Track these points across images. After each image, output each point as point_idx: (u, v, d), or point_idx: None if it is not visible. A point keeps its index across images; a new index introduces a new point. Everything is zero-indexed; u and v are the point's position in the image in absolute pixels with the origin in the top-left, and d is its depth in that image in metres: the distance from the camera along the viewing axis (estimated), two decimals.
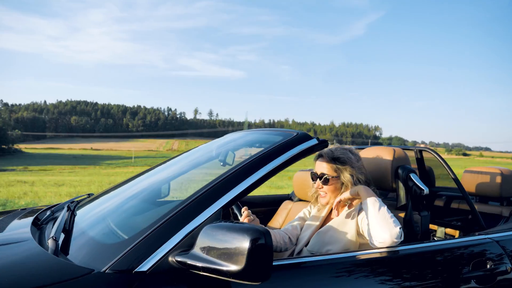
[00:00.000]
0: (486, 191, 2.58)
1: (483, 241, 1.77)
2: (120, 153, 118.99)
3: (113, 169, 55.61)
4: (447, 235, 2.48)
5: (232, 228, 1.17)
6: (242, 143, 2.14)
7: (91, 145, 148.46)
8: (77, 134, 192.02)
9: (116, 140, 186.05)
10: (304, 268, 1.37)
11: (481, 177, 2.61)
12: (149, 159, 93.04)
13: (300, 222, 2.05)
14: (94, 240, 1.40)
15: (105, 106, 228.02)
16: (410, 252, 1.58)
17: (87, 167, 63.49)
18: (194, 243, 1.23)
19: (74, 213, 1.76)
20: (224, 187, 1.38)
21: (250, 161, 1.47)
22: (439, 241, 1.72)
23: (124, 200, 1.94)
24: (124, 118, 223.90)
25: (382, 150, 2.09)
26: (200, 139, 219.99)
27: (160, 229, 1.26)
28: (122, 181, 2.29)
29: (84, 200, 2.14)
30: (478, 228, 2.05)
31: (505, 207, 2.52)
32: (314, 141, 1.57)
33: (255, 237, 1.11)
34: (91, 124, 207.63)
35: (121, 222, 1.59)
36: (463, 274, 1.58)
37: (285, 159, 1.48)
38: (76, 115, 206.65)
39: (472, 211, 2.08)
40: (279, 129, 1.87)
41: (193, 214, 1.30)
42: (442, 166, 2.22)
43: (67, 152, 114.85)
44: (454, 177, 2.14)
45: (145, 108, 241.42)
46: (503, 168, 2.59)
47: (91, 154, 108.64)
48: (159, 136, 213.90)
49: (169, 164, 2.29)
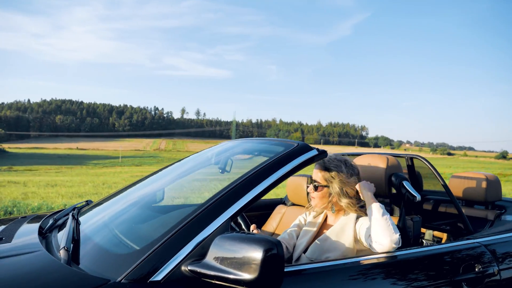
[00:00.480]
0: (472, 195, 2.69)
1: (472, 245, 1.85)
2: (107, 152, 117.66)
3: (100, 169, 55.15)
4: (435, 238, 2.58)
5: (245, 239, 1.21)
6: (241, 151, 2.20)
7: (77, 144, 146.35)
8: (62, 134, 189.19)
9: (102, 140, 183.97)
10: (306, 275, 1.42)
11: (468, 182, 2.72)
12: (136, 159, 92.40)
13: (296, 229, 2.10)
14: (105, 250, 1.44)
15: (90, 105, 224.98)
16: (406, 257, 1.65)
17: (74, 167, 62.80)
18: (206, 252, 1.27)
19: (78, 221, 1.77)
20: (232, 197, 1.42)
21: (256, 171, 1.52)
22: (432, 246, 1.81)
23: (127, 207, 1.98)
24: (110, 118, 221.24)
25: (376, 158, 2.16)
26: (187, 138, 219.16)
27: (171, 239, 1.30)
28: (123, 187, 2.32)
29: (85, 207, 2.17)
30: (466, 232, 2.15)
31: (490, 211, 2.62)
32: (314, 151, 1.65)
33: (268, 247, 1.16)
34: (77, 124, 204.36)
35: (129, 231, 1.63)
36: (454, 277, 1.65)
37: (288, 169, 1.55)
38: (61, 114, 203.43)
39: (461, 215, 2.19)
40: (277, 139, 1.96)
41: (203, 224, 1.34)
42: (429, 169, 2.31)
43: (52, 151, 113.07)
44: (443, 184, 2.23)
45: (131, 107, 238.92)
46: (488, 174, 2.70)
47: (77, 154, 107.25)
48: (145, 136, 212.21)
49: (168, 171, 2.34)
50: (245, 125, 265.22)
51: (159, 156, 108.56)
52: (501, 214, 2.55)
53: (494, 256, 1.83)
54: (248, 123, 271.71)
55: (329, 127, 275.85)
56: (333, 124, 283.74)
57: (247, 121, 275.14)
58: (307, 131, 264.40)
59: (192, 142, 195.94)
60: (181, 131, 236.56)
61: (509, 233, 2.07)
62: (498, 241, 1.95)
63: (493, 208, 2.68)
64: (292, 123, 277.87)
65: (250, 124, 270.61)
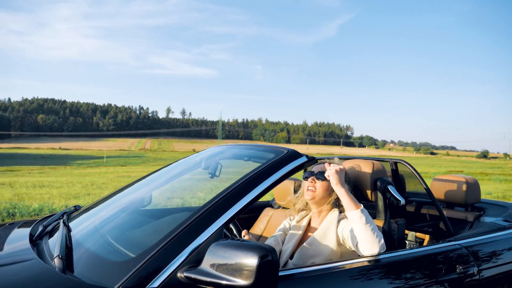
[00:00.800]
0: (453, 197, 2.77)
1: (453, 247, 1.92)
2: (91, 152, 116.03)
3: (85, 169, 54.15)
4: (418, 239, 2.66)
5: (240, 246, 1.24)
6: (230, 156, 2.25)
7: (60, 144, 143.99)
8: (45, 133, 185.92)
9: (86, 139, 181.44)
10: (294, 279, 1.45)
11: (448, 185, 2.80)
12: (121, 159, 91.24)
13: (281, 234, 2.11)
14: (100, 258, 1.45)
15: (74, 104, 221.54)
16: (391, 260, 1.69)
17: (57, 167, 61.54)
18: (201, 259, 1.30)
19: (69, 228, 1.76)
20: (226, 204, 1.46)
21: (249, 178, 1.56)
22: (416, 249, 1.86)
23: (117, 213, 2.00)
24: (94, 117, 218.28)
25: (362, 163, 2.21)
26: (173, 138, 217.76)
27: (166, 246, 1.32)
28: (112, 192, 2.31)
29: (74, 213, 2.16)
30: (447, 234, 2.23)
31: (470, 213, 2.72)
32: (304, 158, 1.70)
33: (263, 254, 1.20)
34: (59, 123, 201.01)
35: (123, 238, 1.65)
36: (437, 278, 1.71)
37: (279, 176, 1.60)
38: (43, 114, 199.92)
39: (442, 217, 2.26)
40: (265, 145, 2.01)
41: (198, 231, 1.37)
42: (412, 172, 2.40)
43: (34, 151, 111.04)
44: (426, 187, 2.30)
45: (116, 106, 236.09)
46: (467, 177, 2.80)
47: (60, 154, 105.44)
48: (130, 136, 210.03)
49: (157, 176, 2.36)
50: (231, 125, 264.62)
51: (144, 156, 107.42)
52: (480, 215, 2.64)
53: (474, 257, 1.89)
54: (234, 122, 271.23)
55: (314, 127, 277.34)
56: (319, 124, 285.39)
57: (233, 120, 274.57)
58: (293, 130, 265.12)
59: (178, 142, 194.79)
60: (167, 130, 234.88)
61: (487, 234, 2.14)
62: (478, 242, 2.02)
63: (473, 210, 2.78)
64: (278, 122, 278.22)
65: (236, 123, 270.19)
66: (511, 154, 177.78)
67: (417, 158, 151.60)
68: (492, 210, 2.75)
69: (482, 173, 43.31)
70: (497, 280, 1.93)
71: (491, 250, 2.02)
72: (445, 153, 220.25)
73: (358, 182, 2.16)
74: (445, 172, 42.20)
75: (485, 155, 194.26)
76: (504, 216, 2.53)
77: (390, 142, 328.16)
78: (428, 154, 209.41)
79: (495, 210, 2.75)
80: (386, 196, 2.07)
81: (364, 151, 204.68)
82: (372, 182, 2.12)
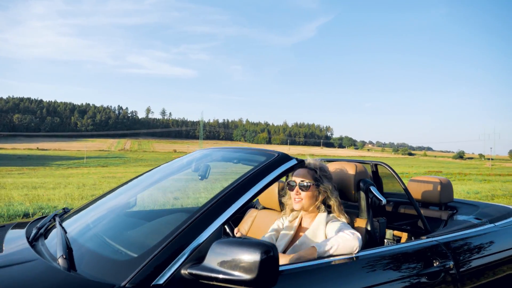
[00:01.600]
0: (428, 197, 2.93)
1: (431, 243, 2.06)
2: (70, 153, 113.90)
3: (66, 170, 53.33)
4: (395, 237, 2.81)
5: (242, 243, 1.31)
6: (219, 159, 2.34)
7: (37, 145, 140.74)
8: (21, 134, 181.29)
9: (64, 140, 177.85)
10: (285, 275, 1.52)
11: (424, 186, 2.97)
12: (101, 159, 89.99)
13: (274, 233, 2.23)
14: (103, 257, 1.50)
15: (51, 104, 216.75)
16: (374, 256, 1.81)
17: (36, 168, 60.32)
18: (204, 257, 1.37)
19: (64, 229, 1.81)
20: (224, 204, 1.54)
21: (244, 180, 1.65)
22: (397, 245, 2.01)
23: (110, 214, 2.08)
24: (72, 117, 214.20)
25: (345, 165, 2.35)
26: (153, 138, 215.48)
27: (169, 245, 1.39)
28: (102, 193, 2.37)
29: (65, 215, 2.21)
30: (424, 231, 2.38)
31: (444, 211, 2.89)
32: (294, 161, 1.81)
33: (265, 249, 1.28)
34: (36, 123, 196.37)
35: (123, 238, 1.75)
36: (416, 272, 1.85)
37: (272, 178, 1.69)
38: (19, 113, 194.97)
39: (419, 216, 2.40)
40: (251, 148, 2.12)
41: (198, 230, 1.44)
42: (390, 172, 2.54)
43: (10, 152, 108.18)
44: (404, 187, 2.45)
45: (94, 106, 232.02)
46: (441, 178, 2.96)
47: (38, 155, 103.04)
48: (109, 136, 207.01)
49: (146, 178, 2.44)
50: (212, 125, 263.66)
51: (124, 156, 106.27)
52: (453, 214, 2.82)
53: (450, 253, 2.04)
54: (215, 123, 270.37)
55: (295, 128, 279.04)
56: (299, 124, 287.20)
57: (213, 121, 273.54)
58: (273, 131, 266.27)
59: (158, 142, 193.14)
60: (147, 131, 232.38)
61: (461, 231, 2.29)
62: (453, 239, 2.17)
63: (446, 208, 2.95)
64: (258, 123, 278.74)
65: (217, 124, 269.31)
66: (486, 154, 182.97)
67: (395, 159, 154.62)
68: (464, 209, 2.92)
69: (460, 173, 44.75)
70: (472, 273, 2.09)
71: (465, 246, 2.18)
72: (422, 153, 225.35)
73: (342, 184, 2.29)
74: (425, 173, 43.54)
75: (461, 155, 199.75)
76: (476, 214, 2.69)
77: (369, 143, 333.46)
78: (406, 154, 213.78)
79: (466, 209, 2.92)
80: (369, 196, 2.20)
81: (344, 152, 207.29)
82: (355, 183, 2.25)
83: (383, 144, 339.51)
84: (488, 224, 2.47)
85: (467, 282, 2.03)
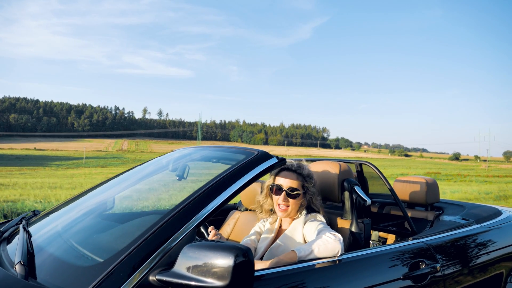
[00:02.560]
0: (414, 198, 2.85)
1: (417, 245, 2.01)
2: (67, 153, 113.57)
3: (66, 170, 53.43)
4: (381, 238, 2.79)
5: (214, 247, 1.23)
6: (198, 158, 2.24)
7: (34, 145, 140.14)
8: (17, 134, 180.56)
9: (61, 140, 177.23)
10: (263, 280, 1.45)
11: (410, 186, 2.88)
12: (100, 160, 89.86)
13: (255, 236, 2.15)
14: (66, 263, 1.39)
15: (47, 104, 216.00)
16: (359, 258, 1.75)
17: (36, 168, 60.35)
18: (174, 262, 1.27)
19: (29, 233, 1.69)
20: (197, 205, 1.44)
21: (220, 179, 1.56)
22: (383, 247, 1.94)
23: (81, 217, 1.94)
24: (68, 117, 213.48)
25: (329, 165, 2.27)
26: (150, 139, 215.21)
27: (136, 249, 1.28)
28: (73, 196, 2.25)
29: (33, 218, 2.10)
30: (411, 233, 2.33)
31: (430, 212, 2.82)
32: (274, 159, 1.71)
33: (238, 253, 1.20)
34: (33, 123, 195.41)
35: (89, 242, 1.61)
36: (403, 274, 1.80)
37: (251, 177, 1.60)
38: (16, 113, 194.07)
39: (406, 217, 2.35)
40: (234, 147, 2.00)
41: (169, 233, 1.34)
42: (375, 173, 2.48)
43: (8, 152, 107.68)
44: (390, 187, 2.38)
45: (91, 106, 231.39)
46: (427, 178, 2.88)
47: (36, 155, 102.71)
48: (106, 136, 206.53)
49: (122, 179, 2.31)
50: (209, 126, 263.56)
51: (123, 157, 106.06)
52: (439, 214, 2.75)
53: (436, 254, 2.00)
54: (212, 124, 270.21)
55: (291, 129, 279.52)
56: (296, 125, 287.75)
57: (211, 122, 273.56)
58: (270, 132, 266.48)
59: (155, 142, 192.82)
60: (144, 131, 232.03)
61: (448, 232, 2.25)
62: (439, 240, 2.12)
63: (432, 209, 2.88)
64: (255, 124, 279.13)
65: (214, 125, 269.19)
66: (481, 156, 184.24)
67: (392, 160, 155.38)
68: (450, 210, 2.87)
69: (459, 175, 45.26)
70: (459, 274, 2.06)
71: (452, 247, 2.14)
72: (418, 155, 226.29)
73: (325, 183, 2.23)
74: (425, 174, 43.93)
75: (457, 157, 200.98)
76: (462, 214, 2.65)
77: (364, 144, 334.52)
78: (403, 156, 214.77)
79: (453, 209, 2.87)
80: (353, 196, 2.13)
81: (341, 153, 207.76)
82: (339, 183, 2.18)
83: (378, 145, 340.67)
84: (474, 224, 2.44)
85: (454, 284, 2.01)
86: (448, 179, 35.42)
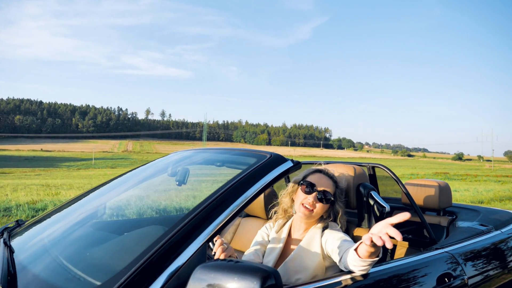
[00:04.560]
0: (426, 202, 2.67)
1: (442, 255, 1.84)
2: (75, 154, 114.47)
3: (79, 171, 54.18)
4: None
5: (234, 268, 1.05)
6: (201, 161, 2.08)
7: (41, 146, 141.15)
8: (22, 135, 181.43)
9: (66, 141, 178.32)
10: None
11: (421, 190, 2.71)
12: (108, 161, 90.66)
13: (259, 247, 1.93)
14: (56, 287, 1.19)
15: (51, 105, 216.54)
16: (382, 273, 1.56)
17: (48, 169, 61.11)
18: (184, 285, 1.11)
19: (12, 249, 1.48)
20: (207, 217, 1.25)
21: (231, 186, 1.38)
22: (406, 259, 1.74)
23: (72, 228, 1.71)
24: (73, 118, 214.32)
25: (343, 168, 2.10)
26: (153, 140, 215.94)
27: (139, 271, 1.10)
28: (63, 202, 2.05)
29: (17, 229, 1.88)
30: (429, 241, 2.11)
31: (443, 217, 2.65)
32: (289, 163, 1.54)
33: (264, 276, 1.02)
34: (37, 124, 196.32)
35: (83, 261, 1.39)
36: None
37: (265, 183, 1.42)
38: (20, 115, 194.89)
39: (424, 224, 2.13)
40: (240, 149, 1.85)
41: (177, 250, 1.16)
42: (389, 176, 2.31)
43: (15, 153, 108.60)
44: (406, 192, 2.17)
45: (94, 107, 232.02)
46: (439, 181, 2.72)
47: (43, 156, 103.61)
48: (110, 137, 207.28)
49: (115, 184, 2.11)
50: (212, 127, 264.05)
51: (130, 158, 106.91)
52: (453, 220, 2.61)
53: (463, 264, 1.85)
54: (215, 124, 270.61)
55: (294, 129, 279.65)
56: (298, 126, 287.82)
57: (213, 122, 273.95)
58: (273, 133, 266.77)
59: (159, 143, 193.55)
60: (148, 132, 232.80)
61: (470, 240, 2.09)
62: (463, 249, 1.97)
63: (445, 214, 2.72)
64: (258, 124, 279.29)
65: (216, 125, 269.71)
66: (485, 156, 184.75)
67: (396, 160, 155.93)
68: (464, 214, 2.72)
69: (468, 175, 45.67)
70: (488, 285, 1.93)
71: (477, 256, 1.99)
72: (421, 155, 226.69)
73: None
74: (433, 174, 44.29)
75: (460, 157, 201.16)
76: (478, 220, 2.52)
77: (365, 144, 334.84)
78: (406, 156, 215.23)
79: (466, 214, 2.73)
80: (370, 202, 1.97)
81: (344, 153, 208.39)
82: (354, 187, 2.02)
83: (379, 145, 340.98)
84: (494, 231, 2.30)
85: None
86: (463, 179, 35.84)
